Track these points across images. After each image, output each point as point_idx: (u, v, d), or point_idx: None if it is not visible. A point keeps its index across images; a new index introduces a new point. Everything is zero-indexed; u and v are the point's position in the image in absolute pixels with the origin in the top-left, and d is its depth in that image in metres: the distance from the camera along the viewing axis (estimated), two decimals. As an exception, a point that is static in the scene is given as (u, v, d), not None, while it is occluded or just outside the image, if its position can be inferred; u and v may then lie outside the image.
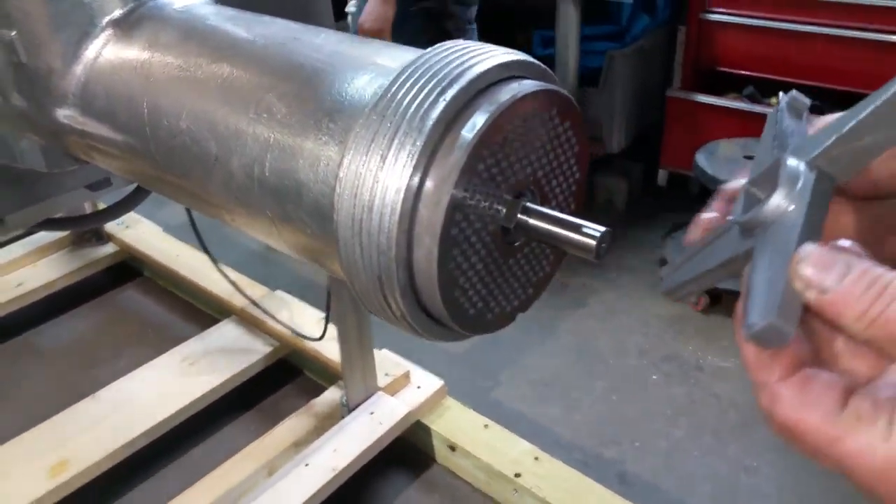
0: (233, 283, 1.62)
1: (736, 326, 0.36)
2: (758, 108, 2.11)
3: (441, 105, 0.43)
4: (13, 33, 0.71)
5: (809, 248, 0.34)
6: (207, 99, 0.57)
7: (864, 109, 0.35)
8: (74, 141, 0.73)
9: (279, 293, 1.80)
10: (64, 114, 0.71)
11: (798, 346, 0.36)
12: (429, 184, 0.43)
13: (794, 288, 0.34)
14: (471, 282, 0.47)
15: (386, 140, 0.44)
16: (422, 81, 0.44)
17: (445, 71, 0.45)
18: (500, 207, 0.47)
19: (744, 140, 1.96)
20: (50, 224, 1.28)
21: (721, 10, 2.13)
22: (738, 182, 0.49)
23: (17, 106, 0.75)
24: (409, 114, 0.44)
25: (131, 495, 1.47)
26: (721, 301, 1.95)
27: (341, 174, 0.46)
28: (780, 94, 0.46)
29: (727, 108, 2.15)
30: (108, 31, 0.68)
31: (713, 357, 1.79)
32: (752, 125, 2.08)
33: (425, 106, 0.43)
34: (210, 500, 1.33)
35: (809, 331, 0.38)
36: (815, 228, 0.36)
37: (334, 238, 0.47)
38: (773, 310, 0.33)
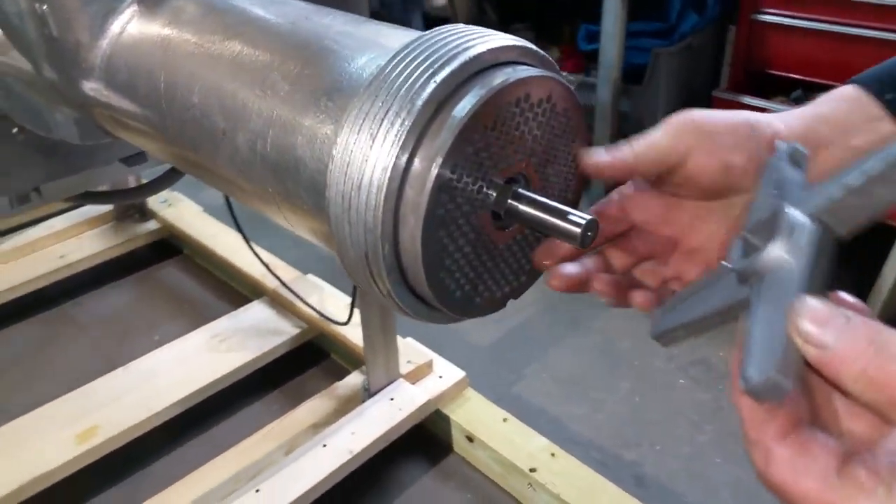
0: (265, 265, 1.65)
1: (733, 379, 0.35)
2: (805, 113, 2.06)
3: (431, 86, 0.43)
4: (45, 7, 0.73)
5: (809, 302, 0.33)
6: (218, 74, 0.59)
7: (871, 164, 0.35)
8: (100, 113, 0.75)
9: (310, 277, 1.82)
10: (90, 86, 0.73)
11: (795, 404, 0.35)
12: (416, 164, 0.44)
13: (793, 342, 0.33)
14: (458, 264, 0.47)
15: (377, 119, 0.44)
16: (416, 63, 0.45)
17: (440, 53, 0.45)
18: (490, 192, 0.47)
19: (789, 145, 1.92)
20: (88, 197, 1.31)
21: (774, 10, 2.08)
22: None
23: (49, 78, 0.78)
24: (400, 94, 0.44)
25: (155, 465, 1.50)
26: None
27: (335, 152, 0.46)
28: (778, 142, 0.46)
29: (774, 111, 2.11)
30: (134, 7, 0.70)
31: (744, 364, 1.76)
32: (798, 130, 2.03)
33: (416, 86, 0.44)
34: (229, 475, 1.36)
35: (808, 387, 0.36)
36: (815, 281, 0.35)
37: (327, 215, 0.48)
38: (771, 364, 0.33)
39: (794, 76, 2.09)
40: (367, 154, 0.44)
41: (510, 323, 1.88)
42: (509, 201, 0.47)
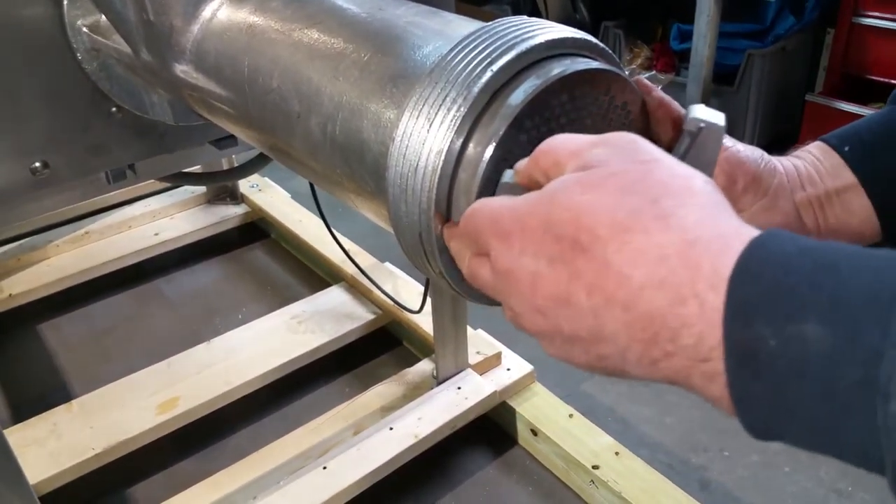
0: (344, 251, 1.69)
1: None
2: (905, 121, 1.98)
3: (488, 74, 0.45)
4: (144, -8, 0.78)
5: None
6: (296, 60, 0.62)
7: None
8: (189, 95, 0.80)
9: (387, 265, 1.86)
10: (181, 69, 0.78)
11: None
12: (470, 148, 0.45)
13: None
14: (507, 247, 0.49)
15: (435, 105, 0.46)
16: (475, 52, 0.47)
17: (499, 43, 0.46)
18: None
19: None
20: (181, 177, 1.37)
21: (876, 13, 2.01)
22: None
23: (146, 60, 0.83)
24: (458, 81, 0.46)
25: (231, 438, 1.57)
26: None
27: (395, 135, 0.49)
28: None
29: (871, 118, 2.04)
30: (224, -5, 0.74)
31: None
32: None
33: (474, 74, 0.45)
34: (299, 451, 1.41)
35: None
36: None
37: (386, 196, 0.50)
38: None
39: (894, 82, 2.01)
40: (425, 138, 0.46)
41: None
42: (562, 189, 0.48)
